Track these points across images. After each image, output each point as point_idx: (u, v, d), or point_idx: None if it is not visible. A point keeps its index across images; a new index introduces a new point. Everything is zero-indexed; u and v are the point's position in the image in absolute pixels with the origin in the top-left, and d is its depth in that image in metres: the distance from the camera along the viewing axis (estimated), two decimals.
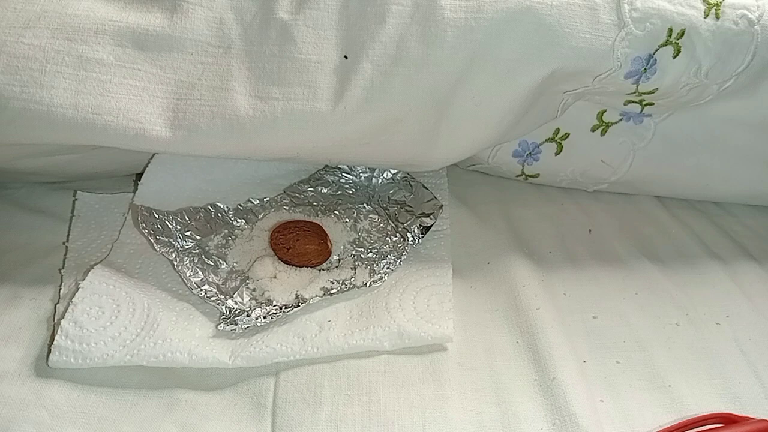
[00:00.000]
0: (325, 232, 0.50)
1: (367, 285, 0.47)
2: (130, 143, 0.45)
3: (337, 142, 0.47)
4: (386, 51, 0.45)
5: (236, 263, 0.49)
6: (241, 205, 0.53)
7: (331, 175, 0.56)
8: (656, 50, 0.45)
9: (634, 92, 0.48)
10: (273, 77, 0.45)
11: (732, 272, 0.51)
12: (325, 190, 0.55)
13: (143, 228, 0.48)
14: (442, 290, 0.48)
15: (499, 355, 0.45)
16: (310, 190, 0.55)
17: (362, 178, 0.56)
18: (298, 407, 0.42)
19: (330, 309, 0.46)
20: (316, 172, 0.56)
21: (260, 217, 0.52)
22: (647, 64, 0.45)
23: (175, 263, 0.47)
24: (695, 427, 0.41)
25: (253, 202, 0.53)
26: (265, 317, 0.45)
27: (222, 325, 0.44)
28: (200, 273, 0.47)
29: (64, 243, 0.51)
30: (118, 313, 0.44)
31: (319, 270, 0.49)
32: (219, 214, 0.52)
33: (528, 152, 0.54)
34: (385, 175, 0.56)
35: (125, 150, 0.47)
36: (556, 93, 0.48)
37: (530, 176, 0.56)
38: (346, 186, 0.55)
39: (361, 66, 0.45)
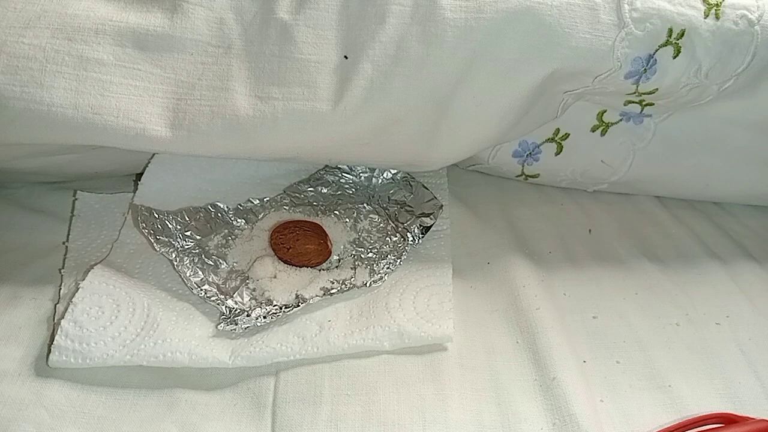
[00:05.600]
0: (325, 232, 0.50)
1: (367, 285, 0.47)
2: (130, 143, 0.45)
3: (337, 142, 0.47)
4: (386, 51, 0.45)
5: (236, 263, 0.49)
6: (241, 205, 0.53)
7: (331, 175, 0.56)
8: (656, 50, 0.45)
9: (634, 92, 0.48)
10: (273, 77, 0.45)
11: (732, 272, 0.51)
12: (325, 190, 0.55)
13: (143, 228, 0.48)
14: (442, 290, 0.48)
15: (499, 355, 0.45)
16: (310, 190, 0.55)
17: (362, 178, 0.56)
18: (298, 407, 0.42)
19: (330, 309, 0.46)
20: (316, 172, 0.56)
21: (260, 217, 0.52)
22: (647, 65, 0.45)
23: (175, 263, 0.47)
24: (695, 427, 0.41)
25: (253, 202, 0.53)
26: (265, 317, 0.45)
27: (222, 324, 0.44)
28: (200, 273, 0.47)
29: (64, 243, 0.51)
30: (118, 313, 0.44)
31: (319, 270, 0.49)
32: (219, 214, 0.52)
33: (528, 152, 0.54)
34: (385, 175, 0.56)
35: (125, 150, 0.47)
36: (557, 93, 0.48)
37: (530, 176, 0.56)
38: (346, 186, 0.55)
39: (361, 66, 0.45)
